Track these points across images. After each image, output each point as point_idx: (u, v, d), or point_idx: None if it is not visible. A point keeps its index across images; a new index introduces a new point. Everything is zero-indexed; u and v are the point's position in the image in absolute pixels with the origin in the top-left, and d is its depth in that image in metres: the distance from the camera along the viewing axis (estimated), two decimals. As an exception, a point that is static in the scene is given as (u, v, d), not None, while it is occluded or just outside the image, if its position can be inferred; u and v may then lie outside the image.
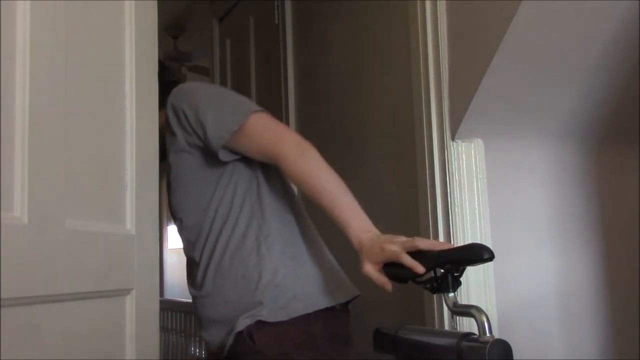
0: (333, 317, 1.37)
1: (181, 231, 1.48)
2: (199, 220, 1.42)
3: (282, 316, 1.31)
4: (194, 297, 1.46)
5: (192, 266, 1.47)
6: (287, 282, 1.34)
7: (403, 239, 1.18)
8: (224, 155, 1.37)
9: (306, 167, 1.29)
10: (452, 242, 1.68)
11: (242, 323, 1.31)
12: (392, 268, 1.18)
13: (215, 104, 1.38)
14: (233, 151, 1.38)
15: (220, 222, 1.40)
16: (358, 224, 1.24)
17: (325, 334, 1.34)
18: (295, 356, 1.29)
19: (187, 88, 1.45)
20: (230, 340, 1.32)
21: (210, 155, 1.38)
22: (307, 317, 1.32)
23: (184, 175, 1.43)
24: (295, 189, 1.51)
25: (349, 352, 1.39)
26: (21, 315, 0.94)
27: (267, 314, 1.30)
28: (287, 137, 1.34)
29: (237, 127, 1.34)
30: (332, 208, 1.26)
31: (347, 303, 1.42)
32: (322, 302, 1.35)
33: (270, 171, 1.43)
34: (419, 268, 1.13)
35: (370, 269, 1.19)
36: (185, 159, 1.41)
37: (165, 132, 1.44)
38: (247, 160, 1.40)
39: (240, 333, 1.31)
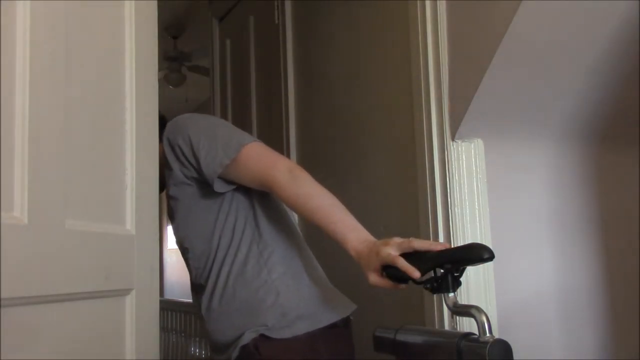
0: (336, 334, 1.40)
1: (189, 261, 1.51)
2: (205, 248, 1.45)
3: (287, 334, 1.34)
4: (203, 323, 1.49)
5: (199, 292, 1.50)
6: (291, 302, 1.38)
7: (399, 240, 1.19)
8: (219, 187, 1.40)
9: (299, 190, 1.32)
10: (452, 242, 1.69)
11: (248, 337, 1.35)
12: (391, 269, 1.18)
13: (208, 138, 1.40)
14: (228, 181, 1.40)
15: (224, 249, 1.43)
16: (354, 236, 1.25)
17: (329, 350, 1.37)
18: None
19: (181, 122, 1.46)
20: (235, 353, 1.36)
21: (208, 186, 1.41)
22: (311, 335, 1.35)
23: (186, 206, 1.46)
24: (290, 212, 1.54)
25: None
26: (21, 315, 0.94)
27: (271, 332, 1.34)
28: (279, 164, 1.36)
29: (229, 161, 1.36)
30: (328, 224, 1.28)
31: (347, 318, 1.45)
32: (324, 319, 1.38)
33: (267, 196, 1.46)
34: (415, 273, 1.14)
35: (375, 279, 1.20)
36: (185, 190, 1.44)
37: (163, 164, 1.46)
38: (245, 187, 1.43)
39: (244, 347, 1.35)
